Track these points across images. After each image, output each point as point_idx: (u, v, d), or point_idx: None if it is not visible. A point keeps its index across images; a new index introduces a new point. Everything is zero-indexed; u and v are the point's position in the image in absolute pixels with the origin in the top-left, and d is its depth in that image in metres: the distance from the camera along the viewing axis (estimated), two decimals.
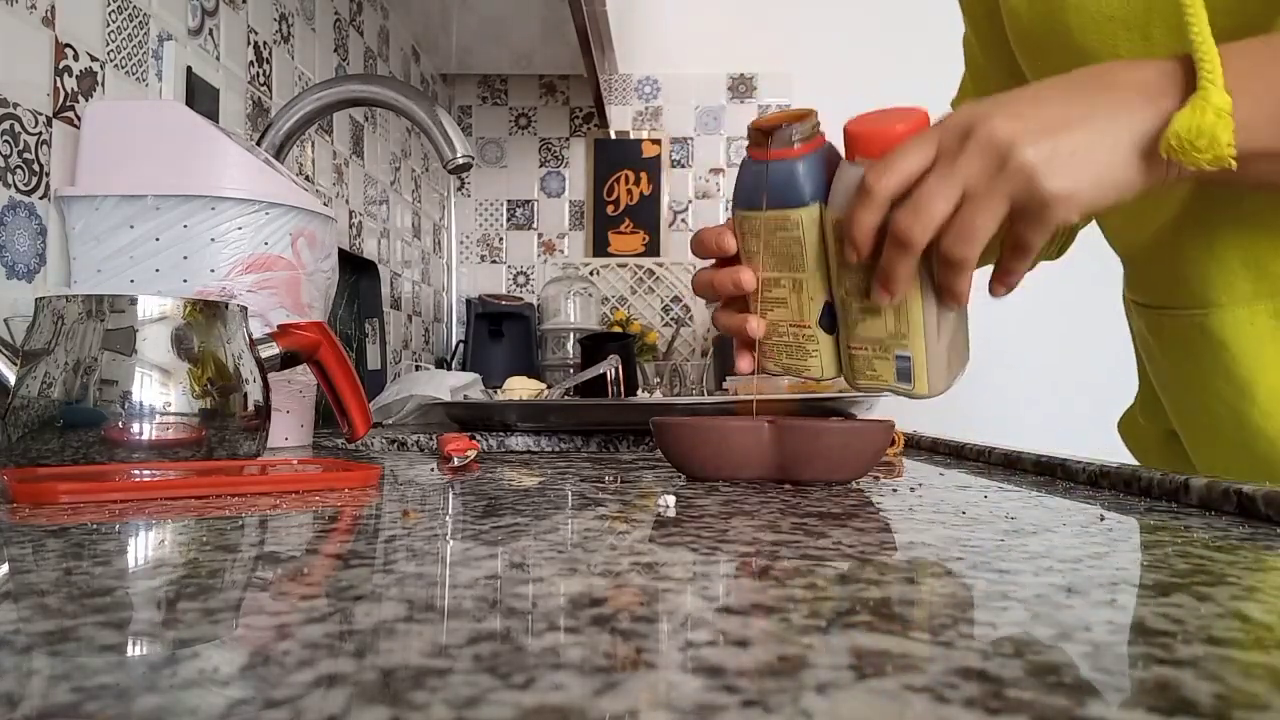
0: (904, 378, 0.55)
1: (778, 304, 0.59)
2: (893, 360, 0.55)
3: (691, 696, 0.17)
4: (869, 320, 0.55)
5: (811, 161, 0.55)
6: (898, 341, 0.55)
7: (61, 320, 0.57)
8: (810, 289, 0.57)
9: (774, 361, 0.61)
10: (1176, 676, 0.19)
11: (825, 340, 0.58)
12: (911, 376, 0.55)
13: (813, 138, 0.55)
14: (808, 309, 0.58)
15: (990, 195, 0.47)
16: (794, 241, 0.56)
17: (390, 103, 0.98)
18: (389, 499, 0.47)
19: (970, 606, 0.25)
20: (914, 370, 0.55)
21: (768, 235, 0.57)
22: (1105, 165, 0.47)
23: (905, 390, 0.56)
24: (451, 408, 1.01)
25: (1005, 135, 0.47)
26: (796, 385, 1.05)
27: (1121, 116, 0.47)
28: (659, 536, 0.36)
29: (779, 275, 0.58)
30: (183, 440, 0.58)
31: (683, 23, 2.18)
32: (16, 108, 0.72)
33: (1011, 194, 0.47)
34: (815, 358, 0.59)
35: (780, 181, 0.55)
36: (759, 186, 0.56)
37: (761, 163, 0.56)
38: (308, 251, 0.81)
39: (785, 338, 0.60)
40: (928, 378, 0.55)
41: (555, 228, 2.19)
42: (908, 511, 0.44)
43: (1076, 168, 0.46)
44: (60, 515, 0.39)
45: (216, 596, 0.25)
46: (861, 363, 0.57)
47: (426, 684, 0.18)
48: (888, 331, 0.55)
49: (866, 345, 0.56)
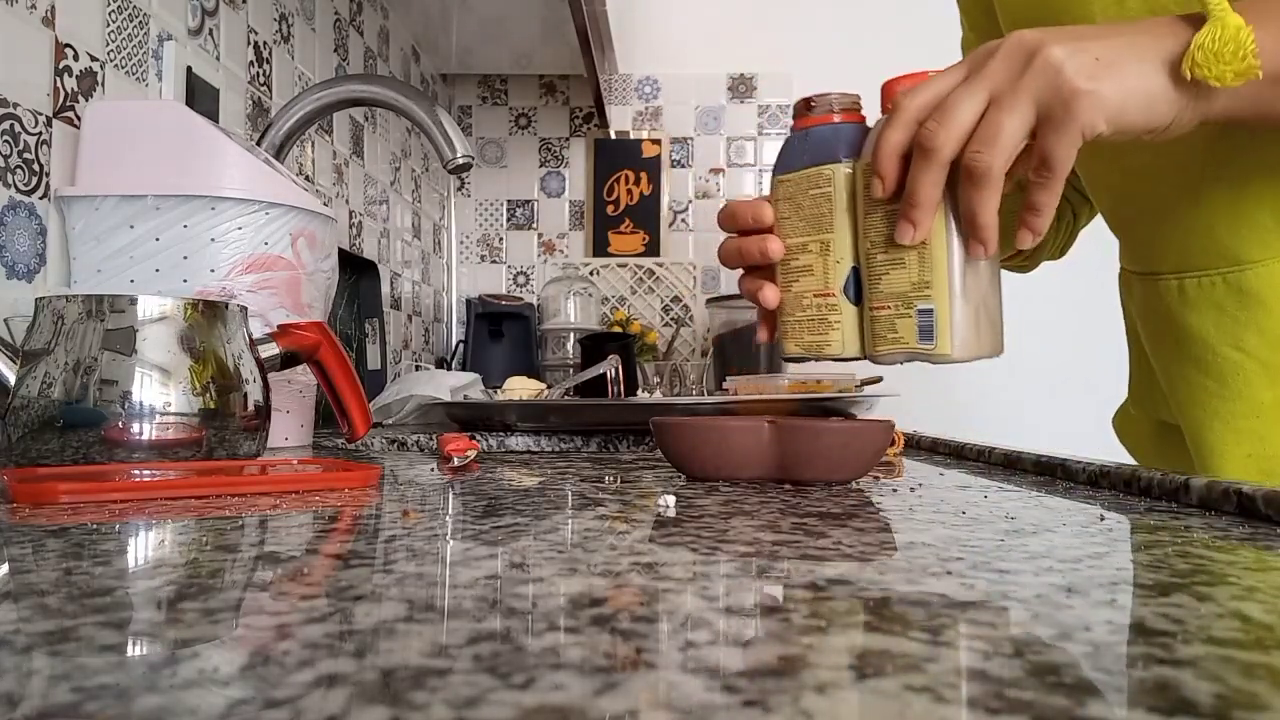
0: (926, 336, 0.53)
1: (803, 273, 0.58)
2: (914, 317, 0.53)
3: (691, 696, 0.17)
4: (892, 274, 0.54)
5: (849, 128, 0.56)
6: (920, 293, 0.53)
7: (61, 320, 0.57)
8: (837, 250, 0.56)
9: (795, 341, 0.59)
10: (1176, 676, 0.19)
11: (849, 311, 0.57)
12: (934, 333, 0.53)
13: (854, 111, 0.57)
14: (833, 274, 0.57)
15: (1016, 94, 0.47)
16: (824, 199, 0.56)
17: (390, 103, 0.98)
18: (389, 499, 0.47)
19: (970, 606, 0.25)
20: (936, 326, 0.53)
21: (799, 196, 0.57)
22: (1134, 74, 0.47)
23: (926, 351, 0.53)
24: (451, 408, 1.01)
25: (1033, 39, 0.47)
26: (796, 385, 1.05)
27: (1146, 38, 0.48)
28: (659, 536, 0.36)
29: (807, 240, 0.58)
30: (183, 440, 0.58)
31: (683, 23, 2.18)
32: (16, 108, 0.72)
33: (1037, 93, 0.47)
34: (837, 331, 0.57)
35: (817, 142, 0.57)
36: (796, 150, 0.58)
37: (802, 130, 0.58)
38: (308, 251, 0.81)
39: (808, 311, 0.58)
40: (951, 335, 0.52)
41: (555, 228, 2.19)
42: (908, 511, 0.44)
43: (1103, 69, 0.46)
44: (60, 515, 0.39)
45: (216, 596, 0.25)
46: (883, 325, 0.55)
47: (426, 684, 0.18)
48: (910, 283, 0.53)
49: (888, 303, 0.54)
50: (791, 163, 0.58)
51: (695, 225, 2.17)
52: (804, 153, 0.58)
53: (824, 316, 0.58)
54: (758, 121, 2.18)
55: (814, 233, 0.57)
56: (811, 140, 0.57)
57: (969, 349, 0.53)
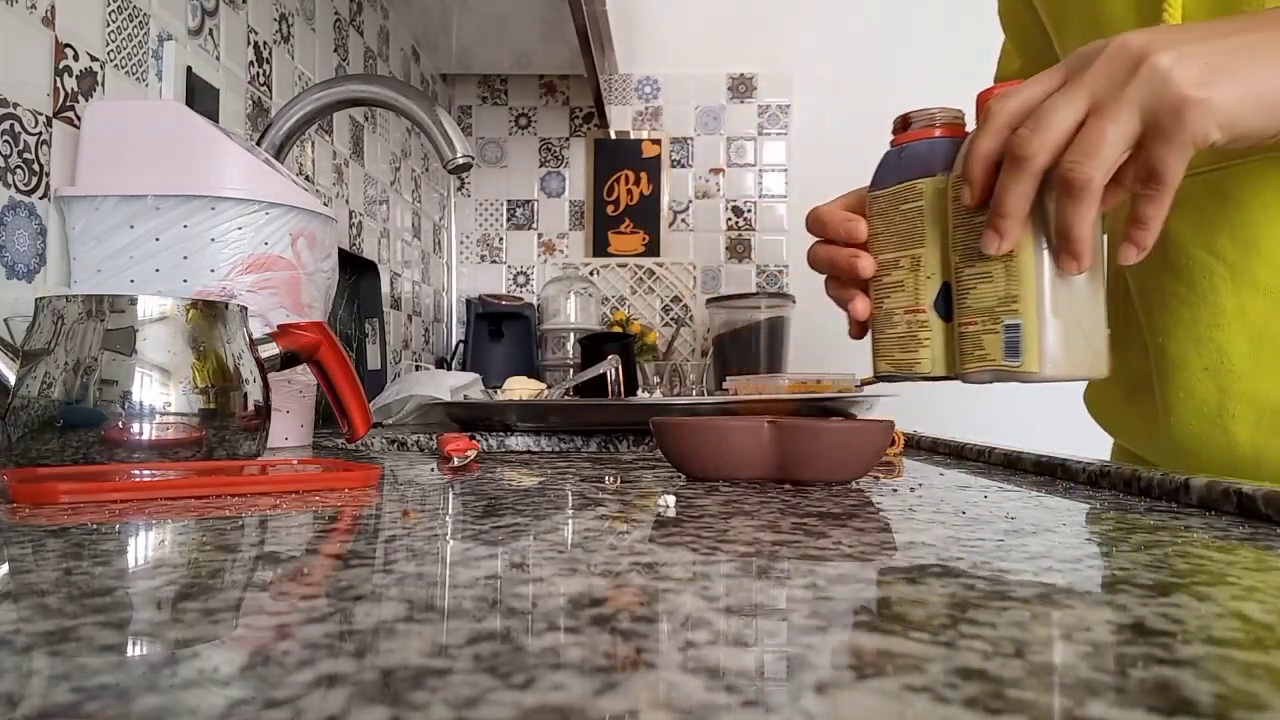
0: (1012, 352, 0.51)
1: (894, 289, 0.57)
2: (1001, 332, 0.51)
3: (691, 696, 0.17)
4: (980, 288, 0.52)
5: (945, 143, 0.55)
6: (1007, 307, 0.51)
7: (61, 320, 0.57)
8: (928, 265, 0.55)
9: (885, 359, 0.58)
10: (1176, 676, 0.19)
11: (938, 327, 0.55)
12: (1020, 349, 0.50)
13: (954, 125, 0.56)
14: (924, 290, 0.56)
15: (1119, 103, 0.44)
16: (916, 214, 0.55)
17: (390, 103, 0.98)
18: (389, 499, 0.47)
19: (970, 606, 0.25)
20: (1023, 341, 0.50)
21: (891, 211, 0.57)
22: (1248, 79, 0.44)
23: (1013, 369, 0.51)
24: (451, 408, 1.01)
25: (1138, 45, 0.45)
26: (796, 385, 1.05)
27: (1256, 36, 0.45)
28: (659, 536, 0.36)
29: (898, 255, 0.57)
30: (183, 440, 0.58)
31: (683, 23, 2.18)
32: (16, 108, 0.72)
33: (1143, 101, 0.44)
34: (927, 349, 0.56)
35: (911, 157, 0.56)
36: (891, 166, 0.57)
37: (898, 146, 0.57)
38: (308, 251, 0.81)
39: (898, 328, 0.57)
40: (1039, 351, 0.50)
41: (555, 228, 2.19)
42: (908, 511, 0.44)
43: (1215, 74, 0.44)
44: (60, 515, 0.39)
45: (216, 596, 0.25)
46: (970, 342, 0.53)
47: (426, 684, 0.18)
48: (997, 297, 0.51)
49: (976, 318, 0.53)
50: (885, 178, 0.58)
51: (695, 225, 2.17)
52: (898, 168, 0.57)
53: (914, 334, 0.56)
54: (758, 121, 2.18)
55: (905, 248, 0.56)
56: (906, 156, 0.57)
57: (1058, 367, 0.50)
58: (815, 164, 2.15)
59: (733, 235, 2.17)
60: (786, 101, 2.17)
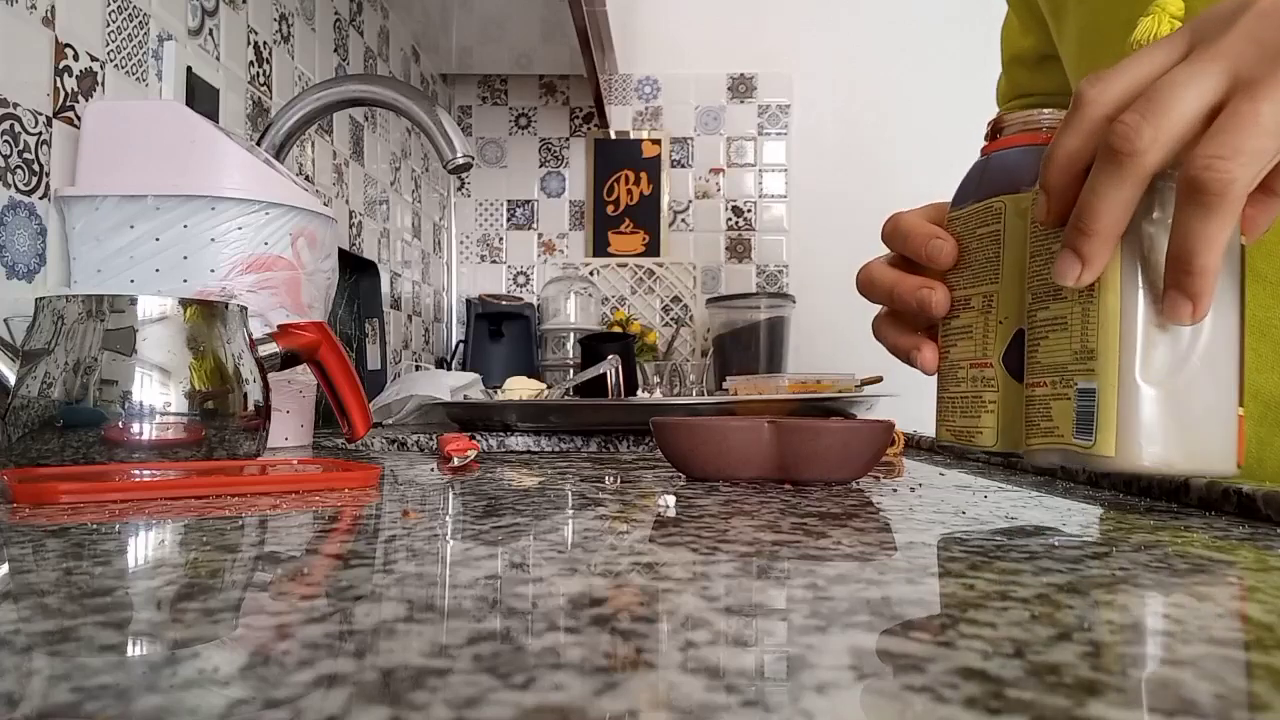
0: (1084, 428, 0.38)
1: (961, 335, 0.47)
2: (1073, 398, 0.39)
3: (691, 696, 0.17)
4: (1052, 338, 0.40)
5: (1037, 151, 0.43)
6: (1081, 365, 0.39)
7: (61, 320, 0.57)
8: (1001, 307, 0.45)
9: (946, 424, 0.48)
10: (1176, 676, 0.19)
11: (1006, 388, 0.44)
12: (1093, 425, 0.38)
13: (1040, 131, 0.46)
14: (993, 338, 0.45)
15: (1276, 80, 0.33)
16: (992, 241, 0.45)
17: (390, 103, 0.98)
18: (389, 499, 0.47)
19: (970, 606, 0.25)
20: (1098, 414, 0.38)
21: (968, 237, 0.47)
22: None
23: (1084, 450, 0.38)
24: (451, 408, 1.01)
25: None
26: (796, 385, 1.05)
27: None
28: (659, 536, 0.36)
29: (970, 293, 0.46)
30: (183, 440, 0.58)
31: (683, 23, 2.18)
32: (16, 108, 0.72)
33: None
34: (991, 414, 0.45)
35: (996, 170, 0.46)
36: (973, 182, 0.48)
37: (984, 157, 0.48)
38: (308, 251, 0.81)
39: (962, 385, 0.47)
40: (1117, 429, 0.37)
41: (555, 228, 2.19)
42: (908, 511, 0.44)
43: None
44: (60, 515, 0.39)
45: (216, 596, 0.25)
46: (1037, 410, 0.42)
47: (426, 684, 0.18)
48: (1071, 351, 0.39)
49: (1045, 378, 0.41)
50: (964, 197, 0.48)
51: (695, 225, 2.17)
52: (980, 183, 0.47)
53: (979, 394, 0.46)
54: (758, 121, 2.18)
55: (978, 284, 0.46)
56: (991, 168, 0.46)
57: (1147, 455, 0.37)
58: (815, 164, 2.15)
59: (733, 235, 2.17)
60: (786, 101, 2.17)
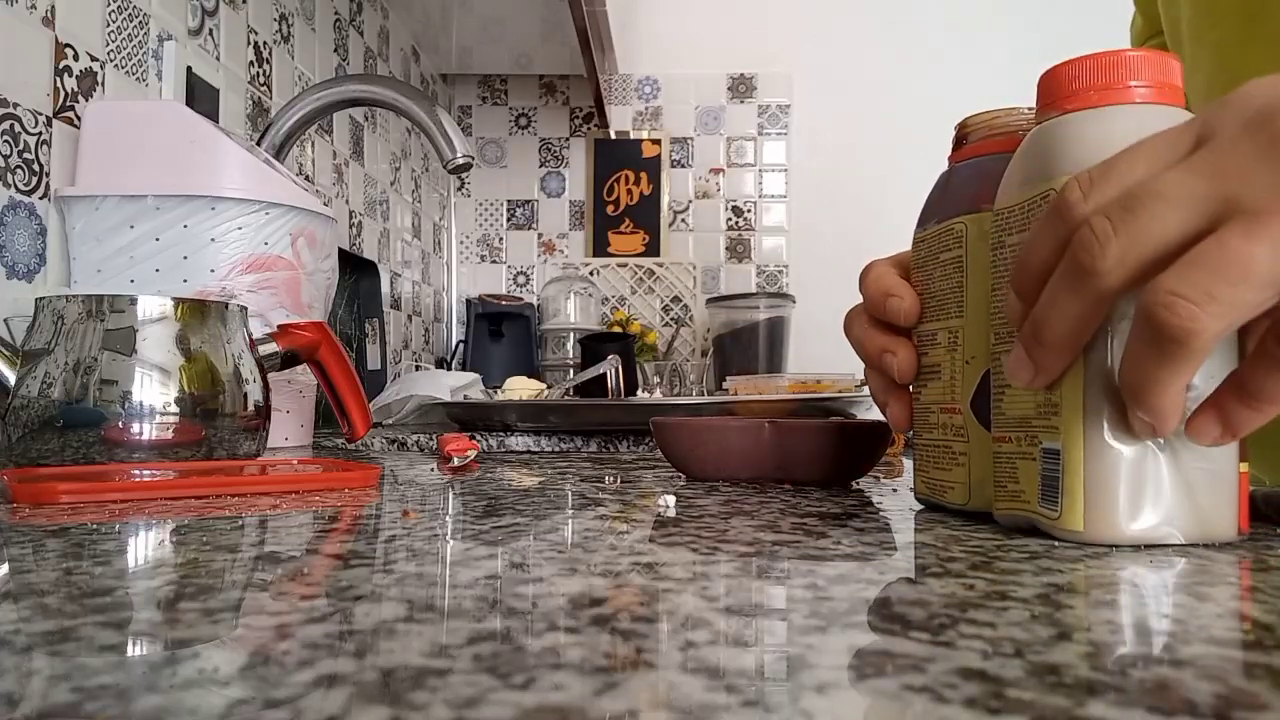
0: (1049, 496, 0.33)
1: (930, 375, 0.42)
2: (1038, 459, 0.34)
3: (691, 696, 0.17)
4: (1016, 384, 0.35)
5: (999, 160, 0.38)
6: (1044, 420, 0.34)
7: (61, 320, 0.57)
8: (967, 344, 0.40)
9: (921, 475, 0.44)
10: (1176, 676, 0.19)
11: (976, 438, 0.39)
12: (1059, 492, 0.33)
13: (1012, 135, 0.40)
14: (960, 380, 0.40)
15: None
16: (955, 268, 0.40)
17: (390, 103, 0.98)
18: (389, 499, 0.47)
19: (970, 606, 0.25)
20: (1063, 479, 0.33)
21: (930, 263, 0.42)
22: None
23: (1049, 519, 0.33)
24: (451, 408, 1.01)
25: None
26: (796, 385, 1.05)
27: None
28: (659, 536, 0.36)
29: (935, 326, 0.41)
30: (183, 440, 0.58)
31: (683, 23, 2.18)
32: (16, 108, 0.72)
33: None
34: (961, 467, 0.40)
35: (959, 184, 0.41)
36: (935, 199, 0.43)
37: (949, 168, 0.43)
38: (308, 251, 0.81)
39: (934, 433, 0.42)
40: (1085, 499, 0.32)
41: (555, 228, 2.19)
42: (908, 511, 0.44)
43: None
44: (60, 515, 0.39)
45: (216, 596, 0.25)
46: (1004, 467, 0.36)
47: (426, 684, 0.18)
48: (1035, 401, 0.34)
49: (1009, 432, 0.36)
50: (928, 216, 0.42)
51: (695, 225, 2.17)
52: (942, 201, 0.42)
53: (948, 443, 0.41)
54: (758, 121, 2.18)
55: (944, 317, 0.41)
56: (954, 182, 0.41)
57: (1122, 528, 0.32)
58: (815, 164, 2.15)
59: (733, 235, 2.17)
60: (786, 101, 2.17)
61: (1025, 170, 0.35)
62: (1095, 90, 0.34)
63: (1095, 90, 0.34)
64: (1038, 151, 0.35)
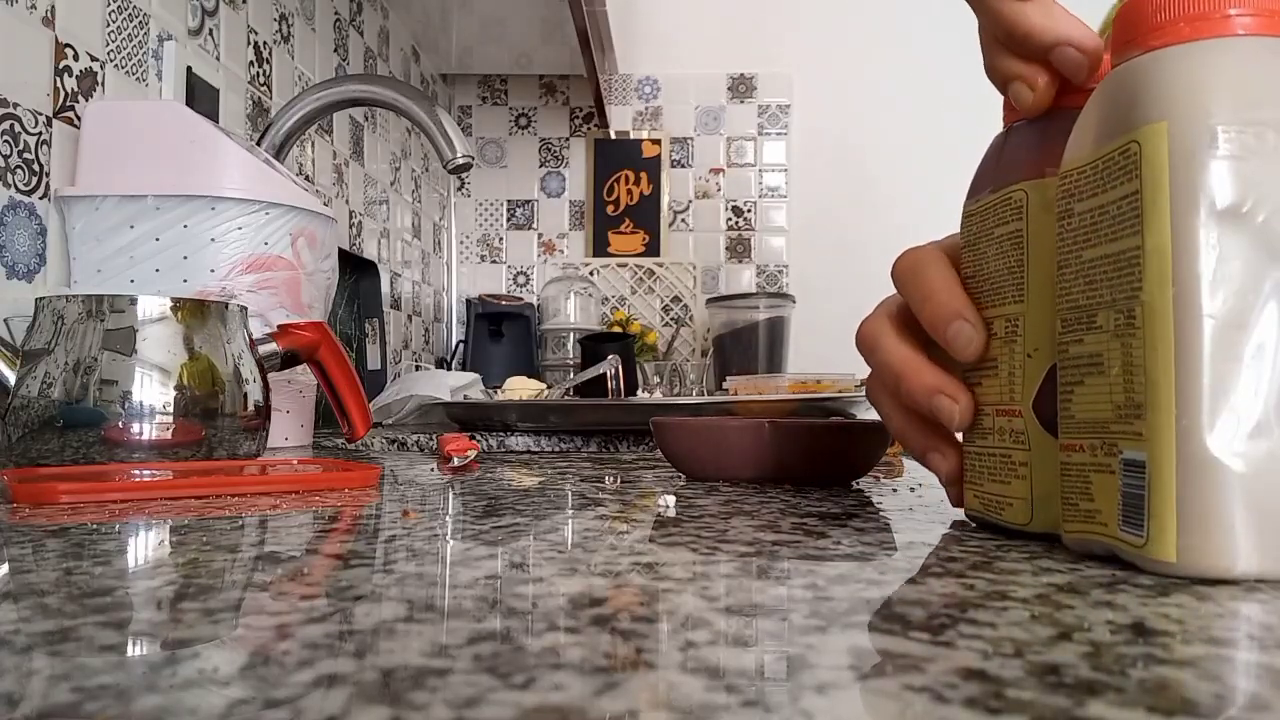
0: (1132, 517, 0.28)
1: (986, 372, 0.36)
2: (1118, 472, 0.28)
3: (691, 696, 0.17)
4: (1089, 382, 0.30)
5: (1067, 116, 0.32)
6: (1125, 425, 0.28)
7: (61, 320, 0.57)
8: (1029, 335, 0.34)
9: (973, 488, 0.37)
10: (1176, 676, 0.19)
11: (1040, 445, 0.33)
12: (1144, 514, 0.27)
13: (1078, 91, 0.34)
14: (1020, 375, 0.34)
15: None
16: (1014, 245, 0.34)
17: (390, 103, 0.98)
18: (389, 499, 0.47)
19: (970, 606, 0.25)
20: (1149, 498, 0.27)
21: (985, 240, 0.36)
22: None
23: (1133, 546, 0.28)
24: (451, 408, 1.01)
25: None
26: (796, 385, 1.05)
27: None
28: (659, 536, 0.36)
29: (991, 314, 0.36)
30: (183, 440, 0.58)
31: (683, 23, 2.18)
32: (16, 108, 0.72)
33: None
34: (1022, 480, 0.34)
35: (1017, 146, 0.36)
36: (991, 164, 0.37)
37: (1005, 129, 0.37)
38: (308, 251, 0.81)
39: (989, 439, 0.36)
40: (1178, 523, 0.26)
41: (555, 228, 2.19)
42: (908, 511, 0.44)
43: None
44: (60, 515, 0.39)
45: (216, 596, 0.25)
46: (1075, 481, 0.31)
47: (426, 684, 0.18)
48: (1113, 402, 0.29)
49: (1081, 440, 0.30)
50: (980, 186, 0.37)
51: (695, 225, 2.18)
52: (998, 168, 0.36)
53: (1007, 451, 0.35)
54: (758, 121, 2.18)
55: (1000, 302, 0.35)
56: (1011, 145, 0.36)
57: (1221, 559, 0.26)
58: (815, 164, 2.15)
59: (733, 235, 2.17)
60: (786, 101, 2.17)
61: (1100, 121, 0.29)
62: (1186, 22, 0.28)
63: (1186, 22, 0.28)
64: (1117, 98, 0.29)
